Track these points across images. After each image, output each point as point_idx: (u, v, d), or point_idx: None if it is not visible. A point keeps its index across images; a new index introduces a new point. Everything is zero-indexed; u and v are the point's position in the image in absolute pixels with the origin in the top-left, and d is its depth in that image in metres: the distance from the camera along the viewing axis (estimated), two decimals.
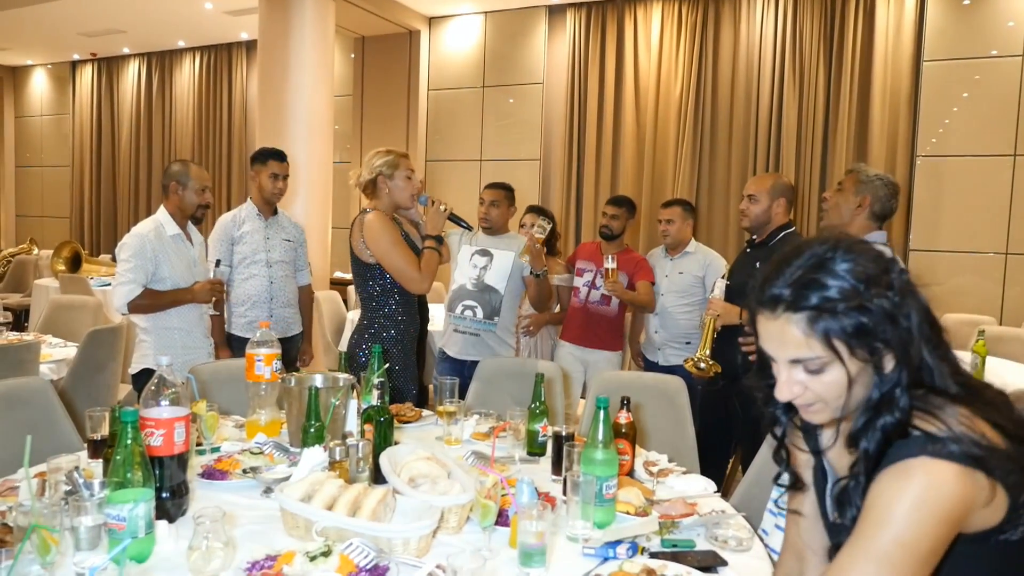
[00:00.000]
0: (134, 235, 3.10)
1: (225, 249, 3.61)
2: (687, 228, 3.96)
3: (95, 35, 8.80)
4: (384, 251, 2.80)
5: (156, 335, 3.15)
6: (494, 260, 3.53)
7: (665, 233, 3.96)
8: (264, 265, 3.64)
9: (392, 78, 7.64)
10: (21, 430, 1.82)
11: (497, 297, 3.47)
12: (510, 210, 3.69)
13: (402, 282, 2.86)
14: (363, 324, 2.97)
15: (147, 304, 3.09)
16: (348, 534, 1.51)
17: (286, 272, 3.73)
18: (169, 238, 3.17)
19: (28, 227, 10.99)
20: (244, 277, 3.62)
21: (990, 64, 5.46)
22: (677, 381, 2.98)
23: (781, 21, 6.05)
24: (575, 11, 6.86)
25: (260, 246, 3.64)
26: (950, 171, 5.60)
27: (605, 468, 1.71)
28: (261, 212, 3.69)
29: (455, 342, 3.55)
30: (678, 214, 3.93)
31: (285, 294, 3.72)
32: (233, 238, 3.63)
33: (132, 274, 3.04)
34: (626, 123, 6.71)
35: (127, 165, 9.98)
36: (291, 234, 3.80)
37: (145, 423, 1.66)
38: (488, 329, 3.48)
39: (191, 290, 3.18)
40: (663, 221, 3.96)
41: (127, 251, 3.07)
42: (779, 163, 6.06)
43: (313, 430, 2.04)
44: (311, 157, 5.91)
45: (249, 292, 3.62)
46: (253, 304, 3.62)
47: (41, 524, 1.35)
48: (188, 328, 3.23)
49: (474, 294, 3.50)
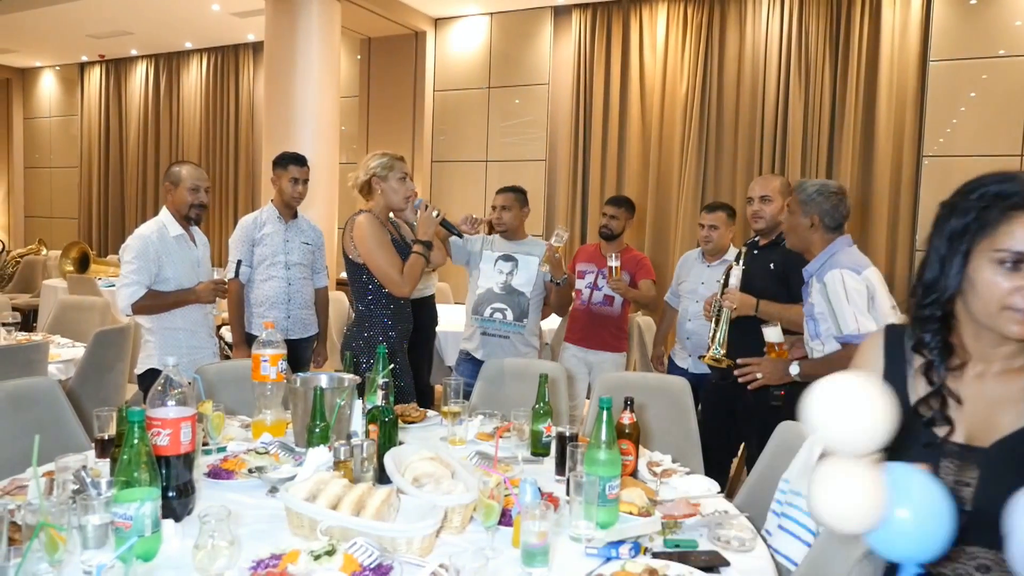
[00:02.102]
0: (137, 236, 3.11)
1: (246, 250, 3.67)
2: (729, 234, 3.83)
3: (103, 37, 8.84)
4: (368, 252, 2.84)
5: (160, 336, 3.17)
6: (519, 265, 3.55)
7: (708, 239, 3.80)
8: (283, 267, 3.70)
9: (398, 79, 7.66)
10: (29, 429, 1.83)
11: (524, 300, 3.49)
12: (523, 212, 3.68)
13: (383, 284, 2.89)
14: (354, 323, 3.02)
15: (151, 305, 3.10)
16: (352, 533, 1.52)
17: (304, 274, 3.78)
18: (172, 239, 3.18)
19: (37, 228, 11.05)
20: (263, 278, 3.69)
21: (997, 64, 5.44)
22: (681, 381, 2.98)
23: (787, 21, 6.04)
24: (581, 12, 6.86)
25: (279, 248, 3.70)
26: (957, 171, 5.57)
27: (608, 468, 1.72)
28: (281, 215, 3.75)
29: (482, 344, 3.55)
30: (723, 220, 3.78)
31: (303, 296, 3.77)
32: (254, 240, 3.69)
33: (136, 275, 3.05)
34: (631, 123, 6.71)
35: (135, 166, 10.03)
36: (310, 237, 3.85)
37: (152, 423, 1.67)
38: (518, 331, 3.49)
39: (194, 291, 3.19)
40: (705, 226, 3.80)
41: (130, 252, 3.08)
42: (784, 164, 6.04)
43: (318, 430, 2.06)
44: (317, 158, 5.90)
45: (268, 293, 3.68)
46: (271, 305, 3.67)
47: (49, 522, 1.36)
48: (192, 328, 3.25)
49: (503, 297, 3.51)
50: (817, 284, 2.53)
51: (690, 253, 4.08)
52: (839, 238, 2.60)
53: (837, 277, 2.45)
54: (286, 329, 3.68)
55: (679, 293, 4.02)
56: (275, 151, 4.20)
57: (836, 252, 2.55)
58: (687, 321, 3.89)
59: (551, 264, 3.40)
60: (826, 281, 2.48)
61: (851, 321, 2.42)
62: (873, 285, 2.49)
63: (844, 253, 2.55)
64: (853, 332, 2.43)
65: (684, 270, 4.02)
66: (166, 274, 3.13)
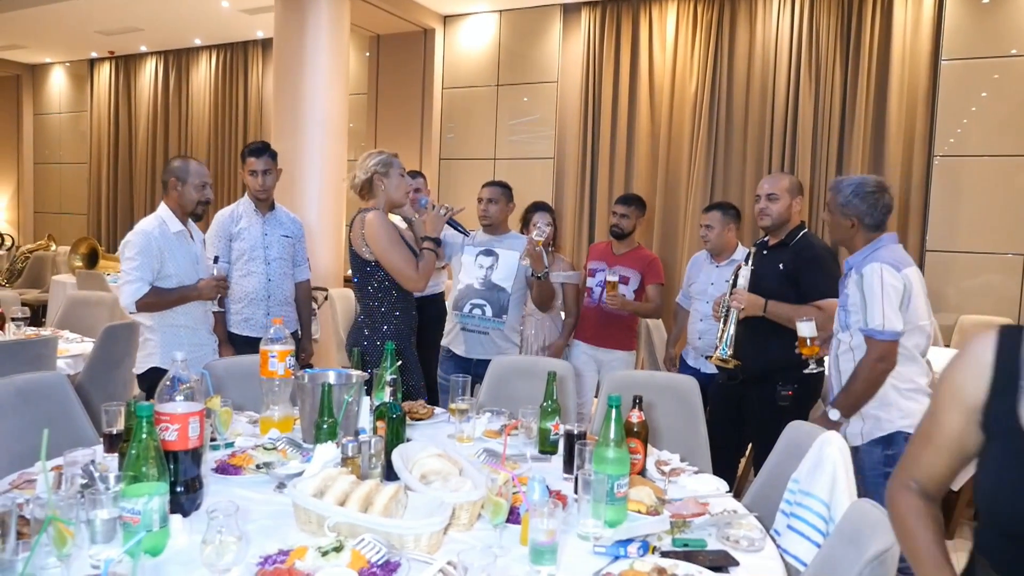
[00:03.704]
0: (138, 232, 3.03)
1: (223, 246, 3.53)
2: (728, 233, 3.84)
3: (113, 33, 8.86)
4: (383, 249, 2.86)
5: (162, 333, 3.11)
6: (499, 260, 3.54)
7: (705, 238, 3.86)
8: (263, 263, 3.58)
9: (407, 76, 7.65)
10: (38, 424, 1.83)
11: (505, 296, 3.48)
12: (508, 207, 3.69)
13: (399, 280, 2.91)
14: (360, 320, 3.03)
15: (154, 302, 3.03)
16: (360, 530, 1.52)
17: (284, 269, 3.66)
18: (173, 235, 3.10)
19: (46, 223, 11.08)
20: (242, 274, 3.56)
21: (1009, 63, 5.40)
22: (689, 380, 2.98)
23: (797, 19, 6.00)
24: (590, 9, 6.84)
25: (258, 243, 3.57)
26: (968, 171, 5.55)
27: (617, 467, 1.71)
28: (258, 208, 3.62)
29: (462, 340, 3.56)
30: (717, 219, 3.82)
31: (283, 292, 3.65)
32: (231, 234, 3.55)
33: (139, 272, 2.98)
34: (640, 122, 6.68)
35: (144, 162, 10.05)
36: (290, 229, 3.71)
37: (160, 418, 1.67)
38: (497, 327, 3.50)
39: (197, 287, 3.13)
40: (703, 226, 3.86)
41: (132, 248, 3.00)
42: (794, 163, 6.01)
43: (326, 426, 2.06)
44: (326, 155, 5.93)
45: (247, 289, 3.56)
46: (250, 302, 3.56)
47: (57, 517, 1.36)
48: (194, 325, 3.20)
49: (482, 293, 3.51)
50: (855, 276, 2.52)
51: (700, 254, 4.08)
52: (884, 235, 2.58)
53: (876, 270, 2.44)
54: (265, 327, 3.54)
55: (690, 294, 4.01)
56: (284, 148, 4.20)
57: (880, 247, 2.54)
58: (698, 321, 3.89)
59: (532, 257, 3.39)
60: (864, 272, 2.47)
61: (878, 316, 2.41)
62: (911, 285, 2.47)
63: (887, 249, 2.54)
64: (877, 327, 2.41)
65: (694, 271, 4.02)
66: (168, 270, 3.06)
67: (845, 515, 1.65)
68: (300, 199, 5.83)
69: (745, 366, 3.04)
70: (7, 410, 2.26)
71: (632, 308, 3.90)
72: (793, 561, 1.78)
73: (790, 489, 1.93)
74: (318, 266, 5.88)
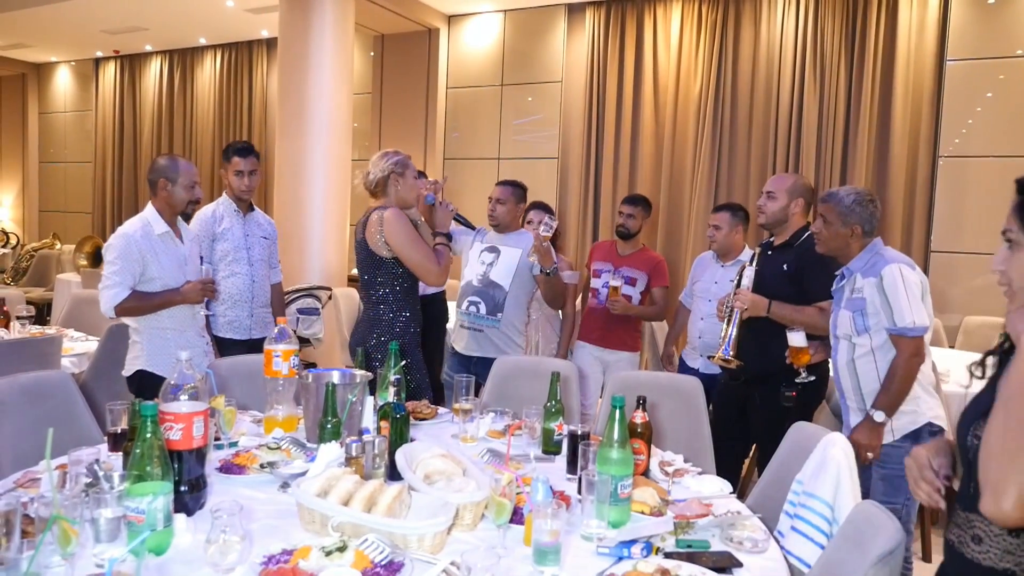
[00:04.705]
0: (120, 235, 2.90)
1: (206, 246, 3.45)
2: (736, 234, 3.82)
3: (118, 32, 8.88)
4: (403, 246, 2.87)
5: (148, 336, 2.99)
6: (501, 257, 3.53)
7: (712, 239, 3.84)
8: (246, 263, 3.53)
9: (411, 76, 7.65)
10: (43, 423, 1.84)
11: (501, 293, 3.46)
12: (519, 207, 3.66)
13: (421, 276, 2.95)
14: (366, 319, 3.02)
15: (134, 307, 2.91)
16: (364, 530, 1.52)
17: (265, 271, 3.63)
18: (157, 237, 2.96)
19: (51, 222, 11.11)
20: (226, 275, 3.49)
21: (1015, 64, 5.38)
22: (693, 381, 2.97)
23: (802, 19, 5.99)
24: (594, 9, 6.83)
25: (241, 243, 3.53)
26: (973, 172, 5.53)
27: (620, 467, 1.71)
28: (238, 208, 3.57)
29: (461, 337, 3.57)
30: (726, 220, 3.79)
31: (264, 293, 3.62)
32: (215, 235, 3.49)
33: (118, 276, 2.85)
34: (645, 122, 6.67)
35: (149, 161, 10.02)
36: (267, 231, 3.69)
37: (164, 417, 1.68)
38: (491, 325, 3.47)
39: (180, 291, 2.98)
40: (711, 226, 3.84)
41: (112, 252, 2.88)
42: (799, 163, 6.00)
43: (330, 426, 2.06)
44: (330, 154, 5.94)
45: (230, 291, 3.50)
46: (234, 303, 3.51)
47: (62, 515, 1.36)
48: (181, 328, 3.06)
49: (479, 290, 3.51)
50: (868, 279, 2.54)
51: (706, 254, 4.07)
52: (876, 240, 2.65)
53: (895, 270, 2.49)
54: (249, 328, 3.53)
55: (693, 293, 4.00)
56: (288, 147, 4.19)
57: (878, 250, 2.60)
58: (699, 320, 3.87)
59: (539, 253, 3.37)
60: (883, 274, 2.49)
61: (908, 314, 2.44)
62: (925, 282, 2.56)
63: (888, 251, 2.61)
64: (908, 325, 2.45)
65: (699, 270, 4.00)
66: (151, 273, 2.93)
67: (849, 517, 1.65)
68: (304, 198, 5.85)
69: (748, 366, 3.03)
70: (12, 409, 2.27)
71: (636, 312, 3.90)
72: (797, 563, 1.78)
73: (794, 490, 1.92)
74: (322, 265, 5.90)
